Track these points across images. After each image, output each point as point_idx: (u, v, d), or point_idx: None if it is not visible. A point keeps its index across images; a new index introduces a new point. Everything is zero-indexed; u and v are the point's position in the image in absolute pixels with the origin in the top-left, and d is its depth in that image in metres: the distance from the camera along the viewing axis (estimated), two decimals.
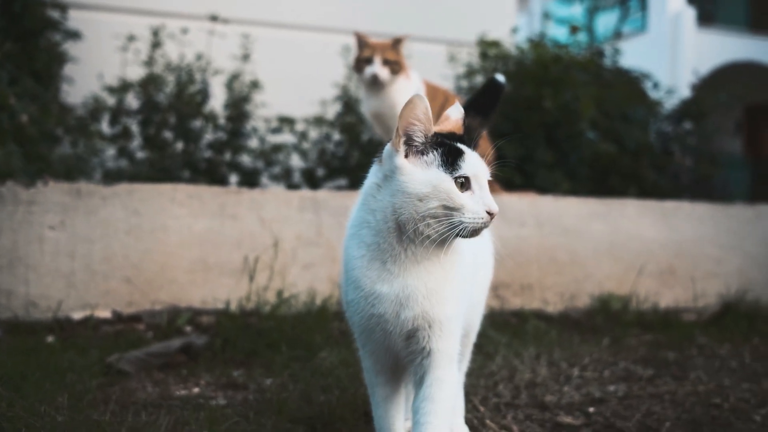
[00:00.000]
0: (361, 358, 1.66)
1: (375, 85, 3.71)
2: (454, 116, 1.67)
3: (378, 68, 3.67)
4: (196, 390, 2.36)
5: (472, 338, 1.96)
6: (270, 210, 3.39)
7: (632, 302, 3.82)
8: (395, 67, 3.69)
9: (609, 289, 3.85)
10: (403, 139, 1.49)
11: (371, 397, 1.65)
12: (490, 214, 1.46)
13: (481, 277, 1.86)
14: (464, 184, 1.47)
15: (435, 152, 1.49)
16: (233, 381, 2.47)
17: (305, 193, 3.49)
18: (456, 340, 1.56)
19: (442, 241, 1.47)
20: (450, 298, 1.52)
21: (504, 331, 3.25)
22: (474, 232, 1.47)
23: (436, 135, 1.52)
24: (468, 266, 1.63)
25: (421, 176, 1.47)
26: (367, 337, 1.58)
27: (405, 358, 1.56)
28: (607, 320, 3.66)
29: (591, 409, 2.27)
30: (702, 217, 4.14)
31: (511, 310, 3.69)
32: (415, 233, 1.47)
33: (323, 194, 3.50)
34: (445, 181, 1.46)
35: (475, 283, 1.76)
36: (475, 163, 1.50)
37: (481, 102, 2.06)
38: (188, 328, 3.13)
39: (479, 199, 1.47)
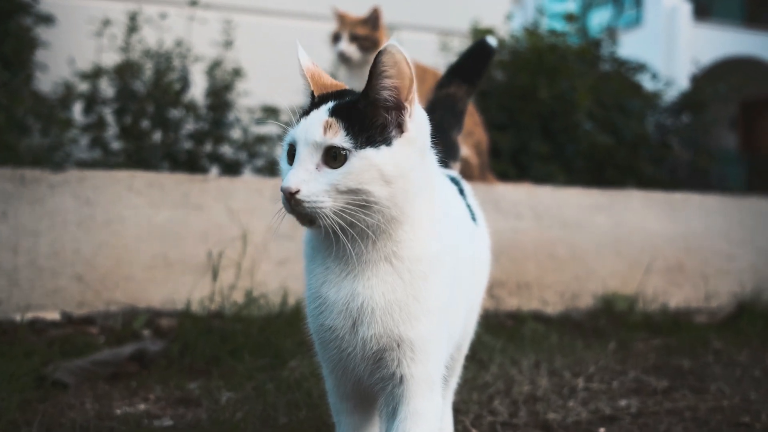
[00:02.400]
0: (324, 377, 1.33)
1: (345, 63, 3.46)
2: None
3: (344, 45, 3.41)
4: (141, 407, 2.03)
5: (465, 349, 1.63)
6: (239, 199, 3.05)
7: (639, 302, 3.50)
8: (365, 43, 3.42)
9: (613, 288, 3.54)
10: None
11: (336, 427, 1.32)
12: (285, 192, 1.13)
13: (479, 278, 1.53)
14: (292, 154, 1.19)
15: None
16: (187, 395, 2.13)
17: (279, 182, 3.15)
18: (438, 363, 1.23)
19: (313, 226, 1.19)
20: (422, 315, 1.18)
21: (499, 334, 2.93)
22: (295, 217, 1.17)
23: (313, 95, 1.25)
24: (467, 267, 1.30)
25: None
26: (323, 353, 1.26)
27: (373, 385, 1.23)
28: (612, 322, 3.35)
29: (601, 430, 1.95)
30: (712, 209, 3.83)
31: (506, 311, 3.37)
32: None
33: None
34: (282, 149, 1.24)
35: (473, 287, 1.44)
36: (297, 128, 1.19)
37: (468, 67, 1.75)
38: (146, 332, 2.79)
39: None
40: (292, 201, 1.11)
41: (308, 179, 1.12)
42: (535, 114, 4.77)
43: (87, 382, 2.24)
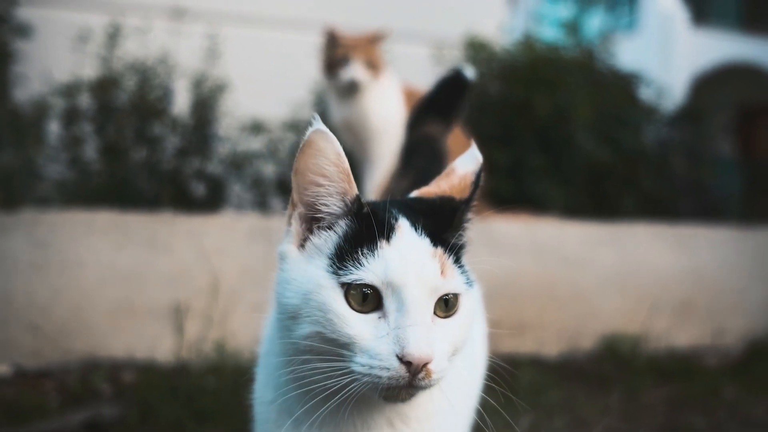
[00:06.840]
0: None
1: (351, 91, 3.16)
2: (461, 170, 1.00)
3: (359, 71, 3.12)
4: None
5: None
6: (212, 240, 2.80)
7: (644, 343, 3.26)
8: (374, 69, 3.16)
9: (617, 327, 3.29)
10: (299, 209, 0.87)
11: None
12: (408, 363, 0.77)
13: (474, 391, 1.27)
14: (367, 297, 0.81)
15: (337, 229, 0.85)
16: None
17: (255, 220, 2.92)
18: None
19: (337, 407, 0.83)
20: None
21: (492, 386, 2.68)
22: (380, 400, 0.83)
23: (359, 200, 0.88)
24: (470, 403, 1.11)
25: (298, 272, 0.84)
26: None
27: None
28: (616, 366, 3.10)
29: None
30: (722, 242, 3.59)
31: (501, 354, 3.12)
32: (294, 380, 0.85)
33: (277, 222, 2.92)
34: (323, 287, 0.82)
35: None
36: (396, 260, 0.81)
37: (442, 100, 1.49)
38: (106, 386, 2.55)
39: (392, 331, 0.79)
40: (421, 373, 0.78)
41: (433, 342, 0.80)
42: (531, 128, 4.57)
43: None
